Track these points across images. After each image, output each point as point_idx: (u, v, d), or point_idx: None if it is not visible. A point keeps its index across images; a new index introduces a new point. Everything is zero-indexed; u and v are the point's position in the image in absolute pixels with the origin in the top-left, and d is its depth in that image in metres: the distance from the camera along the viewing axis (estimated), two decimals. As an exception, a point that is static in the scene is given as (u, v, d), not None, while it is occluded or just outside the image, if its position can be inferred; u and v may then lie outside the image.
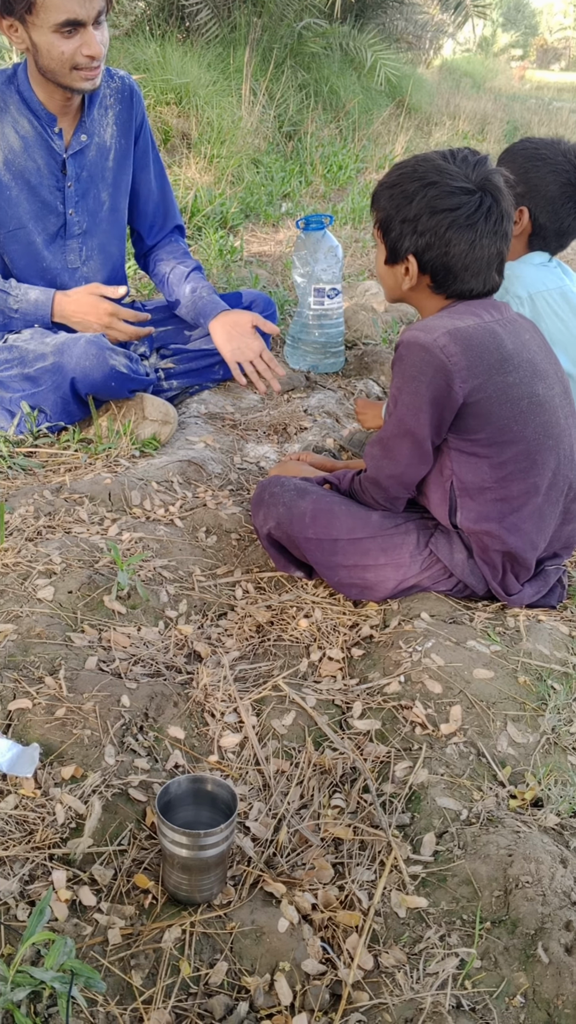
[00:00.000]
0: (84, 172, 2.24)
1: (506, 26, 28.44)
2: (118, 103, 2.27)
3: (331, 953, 1.11)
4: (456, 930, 1.13)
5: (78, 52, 1.96)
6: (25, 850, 1.17)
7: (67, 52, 1.96)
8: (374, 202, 1.68)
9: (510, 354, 1.58)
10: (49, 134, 2.15)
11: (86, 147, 2.22)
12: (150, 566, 1.79)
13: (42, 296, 2.24)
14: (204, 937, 1.11)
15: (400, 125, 7.72)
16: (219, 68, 6.16)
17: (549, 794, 1.33)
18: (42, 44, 1.96)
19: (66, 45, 1.95)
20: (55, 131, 2.16)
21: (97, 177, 2.28)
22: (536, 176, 2.01)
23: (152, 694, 1.45)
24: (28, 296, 2.24)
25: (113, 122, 2.26)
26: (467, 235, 1.56)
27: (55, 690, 1.41)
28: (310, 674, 1.62)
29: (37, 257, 2.27)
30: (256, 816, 1.29)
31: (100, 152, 2.26)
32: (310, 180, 5.65)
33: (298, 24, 6.92)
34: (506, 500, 1.61)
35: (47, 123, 2.14)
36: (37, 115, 2.13)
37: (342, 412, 2.59)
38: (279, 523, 1.75)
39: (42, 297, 2.24)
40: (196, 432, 2.38)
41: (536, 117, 10.96)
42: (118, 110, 2.27)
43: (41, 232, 2.25)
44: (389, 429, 1.63)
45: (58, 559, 1.72)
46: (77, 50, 1.96)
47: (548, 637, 1.65)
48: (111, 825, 1.23)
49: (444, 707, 1.46)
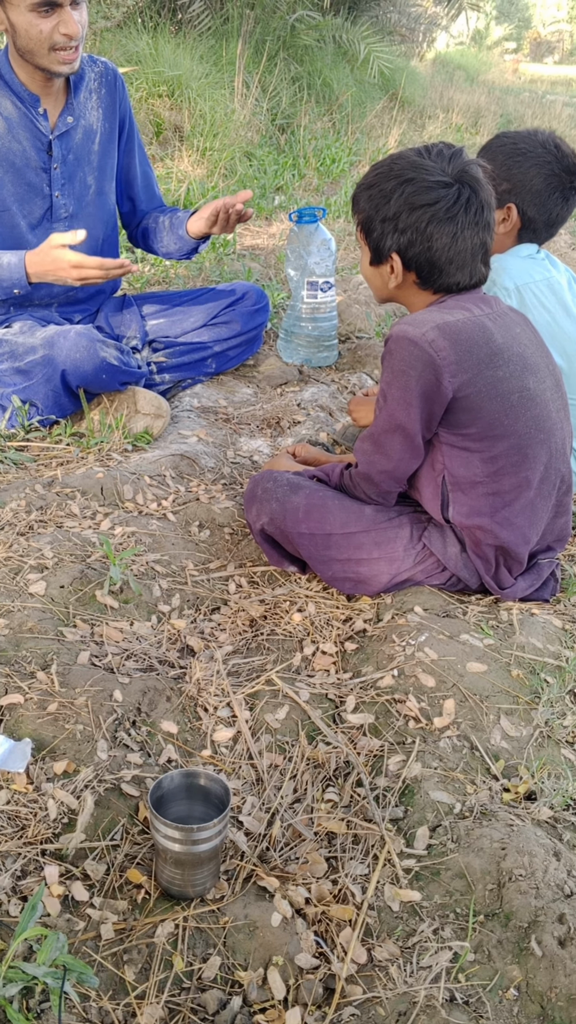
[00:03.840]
0: (71, 155, 2.23)
1: (499, 19, 28.35)
2: (102, 87, 2.27)
3: (324, 947, 1.11)
4: (449, 923, 1.13)
5: (55, 31, 1.97)
6: (17, 845, 1.17)
7: (45, 31, 1.97)
8: (354, 205, 1.68)
9: (500, 348, 1.58)
10: (34, 115, 2.15)
11: (72, 129, 2.22)
12: (143, 560, 1.78)
13: (14, 259, 2.14)
14: (197, 932, 1.11)
15: (393, 118, 7.70)
16: (211, 60, 6.13)
17: (542, 787, 1.33)
18: (20, 24, 1.97)
19: (44, 24, 1.96)
20: (39, 112, 2.15)
21: (83, 160, 2.27)
22: (519, 172, 2.00)
23: (145, 689, 1.44)
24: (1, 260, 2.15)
25: (98, 105, 2.27)
26: (448, 228, 1.56)
27: (47, 685, 1.40)
28: (303, 668, 1.61)
29: (20, 241, 2.24)
30: (249, 810, 1.29)
31: (86, 135, 2.25)
32: (303, 173, 5.63)
33: (291, 16, 6.89)
34: (498, 494, 1.61)
35: (30, 104, 2.14)
36: (20, 96, 2.12)
37: (335, 406, 2.59)
38: (272, 518, 1.75)
39: (14, 260, 2.14)
40: (189, 426, 2.37)
41: (530, 110, 10.95)
42: (102, 93, 2.27)
43: (26, 215, 2.23)
44: (380, 424, 1.63)
45: (50, 553, 1.71)
46: (55, 29, 1.97)
47: (541, 630, 1.65)
48: (104, 820, 1.22)
49: (437, 701, 1.46)
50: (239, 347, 2.68)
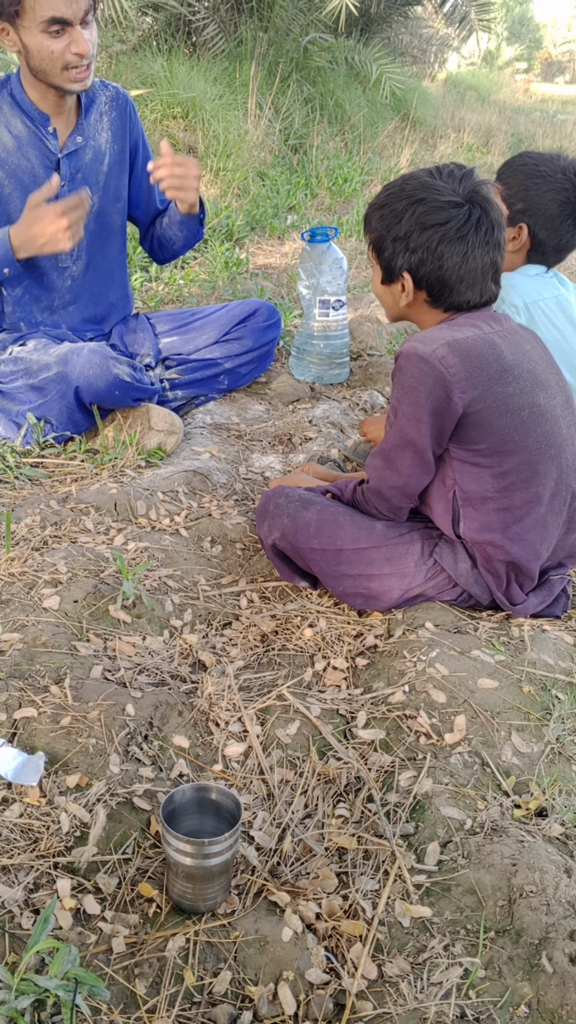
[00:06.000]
0: (79, 173, 2.28)
1: (510, 40, 28.57)
2: (113, 110, 2.32)
3: (335, 962, 1.11)
4: (460, 940, 1.13)
5: (67, 50, 2.02)
6: (30, 858, 1.17)
7: (56, 51, 2.01)
8: (366, 224, 1.70)
9: (510, 365, 1.59)
10: (43, 133, 2.20)
11: (81, 149, 2.26)
12: (155, 575, 1.80)
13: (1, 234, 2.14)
14: (208, 946, 1.11)
15: (405, 138, 7.76)
16: (225, 82, 6.21)
17: (553, 804, 1.33)
18: (32, 45, 2.02)
19: (55, 44, 2.01)
20: (49, 131, 2.20)
21: (91, 180, 2.31)
22: (536, 194, 2.02)
23: (157, 703, 1.45)
24: None
25: (108, 127, 2.31)
26: (459, 247, 1.57)
27: (60, 699, 1.41)
28: (314, 683, 1.62)
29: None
30: (260, 825, 1.29)
31: (96, 156, 2.30)
32: (315, 193, 5.68)
33: (304, 39, 6.98)
34: (509, 510, 1.61)
35: (40, 123, 2.18)
36: (30, 115, 2.17)
37: (347, 423, 2.60)
38: (284, 533, 1.76)
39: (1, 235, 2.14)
40: (201, 442, 2.39)
41: (540, 129, 11.00)
42: (113, 116, 2.32)
43: None
44: (390, 440, 1.64)
45: (64, 568, 1.72)
46: (66, 48, 2.02)
47: (553, 647, 1.65)
48: (115, 834, 1.23)
49: (448, 717, 1.46)
50: (251, 363, 2.70)
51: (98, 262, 2.41)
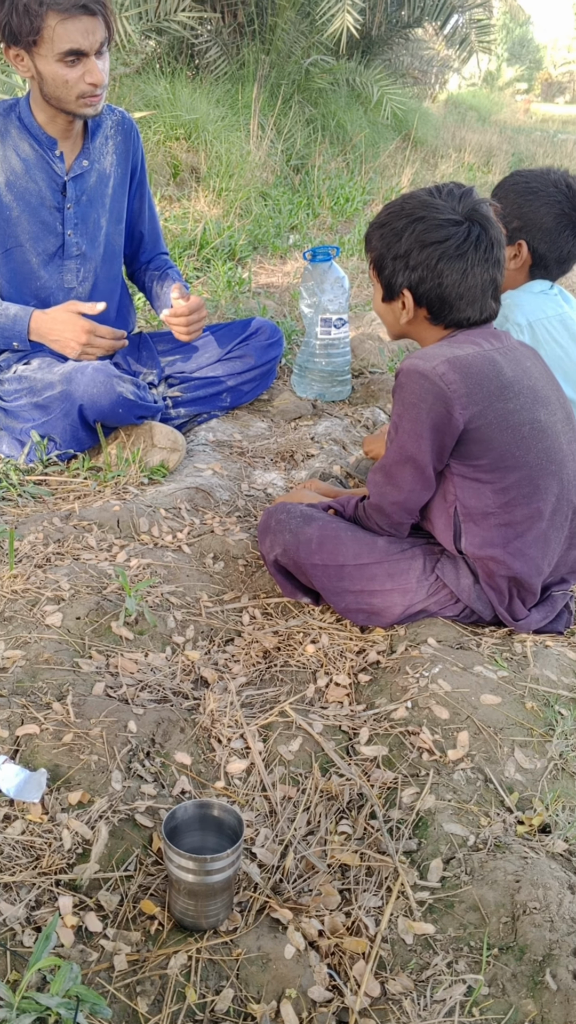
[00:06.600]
0: (84, 196, 2.31)
1: (511, 61, 28.84)
2: (118, 134, 2.36)
3: (338, 980, 1.10)
4: (463, 956, 1.13)
5: (81, 80, 2.05)
6: (32, 875, 1.17)
7: (71, 80, 2.04)
8: (367, 243, 1.72)
9: (510, 381, 1.60)
10: (50, 157, 2.23)
11: (87, 172, 2.29)
12: (158, 592, 1.80)
13: (21, 312, 2.25)
14: (210, 963, 1.11)
15: (406, 158, 7.82)
16: (228, 104, 6.28)
17: (557, 820, 1.32)
18: (47, 73, 2.04)
19: (70, 73, 2.03)
20: (56, 154, 2.23)
21: (96, 203, 2.34)
22: (530, 210, 2.04)
23: (159, 720, 1.45)
24: (8, 311, 2.26)
25: (113, 151, 2.35)
26: (458, 265, 1.59)
27: (63, 716, 1.41)
28: (317, 700, 1.62)
29: (31, 276, 2.31)
30: (263, 842, 1.29)
31: (100, 179, 2.33)
32: (317, 212, 5.73)
33: (305, 61, 7.06)
34: (510, 525, 1.62)
35: (47, 146, 2.21)
36: (37, 139, 2.21)
37: (349, 439, 2.61)
38: (286, 549, 1.76)
39: (21, 313, 2.25)
40: (204, 459, 2.40)
41: (541, 149, 11.09)
42: (118, 140, 2.36)
43: (40, 252, 2.30)
44: (391, 456, 1.65)
45: (67, 585, 1.73)
46: (80, 78, 2.05)
47: (555, 663, 1.65)
48: (118, 850, 1.23)
49: (451, 733, 1.46)
50: (253, 381, 2.72)
51: (102, 284, 2.43)
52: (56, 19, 1.95)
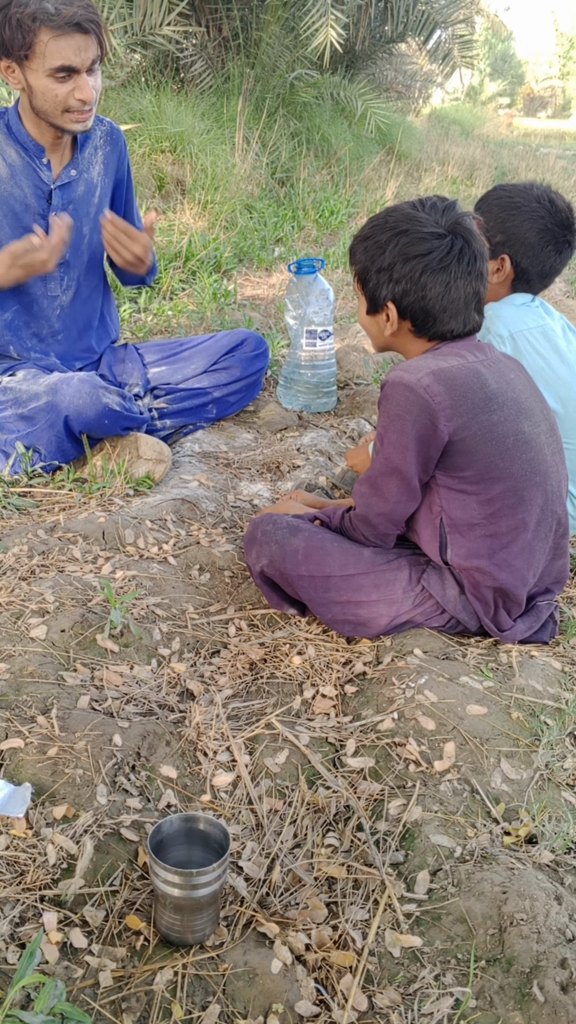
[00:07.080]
0: (70, 205, 2.31)
1: (493, 76, 29.12)
2: (107, 144, 2.36)
3: (325, 994, 1.10)
4: (451, 969, 1.12)
5: (71, 96, 2.05)
6: (16, 891, 1.16)
7: (61, 95, 2.05)
8: (351, 256, 1.73)
9: (494, 393, 1.61)
10: (37, 164, 2.23)
11: (74, 181, 2.29)
12: (143, 604, 1.79)
13: None
14: (196, 979, 1.10)
15: (390, 171, 7.88)
16: (213, 117, 6.30)
17: (543, 830, 1.32)
18: (37, 86, 2.05)
19: (60, 89, 2.04)
20: (43, 162, 2.23)
21: (82, 212, 2.34)
22: (513, 224, 2.05)
23: (144, 733, 1.44)
24: None
25: (101, 161, 2.35)
26: (441, 277, 1.60)
27: (47, 729, 1.40)
28: (303, 712, 1.61)
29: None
30: (249, 855, 1.28)
31: (88, 189, 2.33)
32: (302, 225, 5.75)
33: (290, 75, 7.10)
34: (495, 536, 1.62)
35: (35, 154, 2.22)
36: (25, 146, 2.21)
37: (334, 450, 2.62)
38: (272, 560, 1.76)
39: None
40: (190, 471, 2.40)
41: (523, 162, 11.19)
42: (107, 151, 2.36)
43: None
44: (377, 467, 1.65)
45: (51, 598, 1.72)
46: (70, 94, 2.05)
47: (541, 673, 1.65)
48: (103, 865, 1.22)
49: (437, 744, 1.46)
50: (239, 392, 2.72)
51: (85, 292, 2.43)
52: (49, 35, 1.96)
